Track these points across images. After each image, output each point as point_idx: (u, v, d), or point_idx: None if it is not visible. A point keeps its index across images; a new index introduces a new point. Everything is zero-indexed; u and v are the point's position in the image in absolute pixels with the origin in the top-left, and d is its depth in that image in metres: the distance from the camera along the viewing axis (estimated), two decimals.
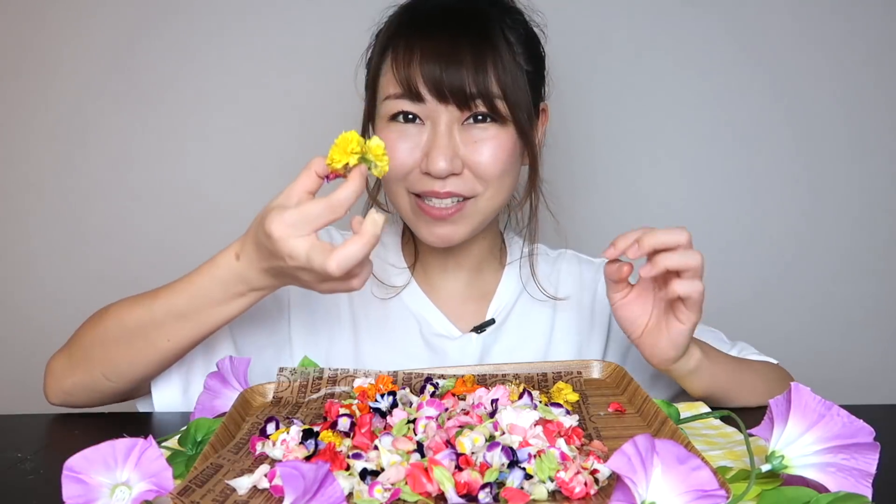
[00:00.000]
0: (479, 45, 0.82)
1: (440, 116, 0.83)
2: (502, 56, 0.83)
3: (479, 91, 0.81)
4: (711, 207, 1.38)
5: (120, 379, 0.80)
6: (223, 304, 0.74)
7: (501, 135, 0.84)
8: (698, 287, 0.72)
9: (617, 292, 0.79)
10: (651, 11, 1.36)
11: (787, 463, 0.52)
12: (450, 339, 0.94)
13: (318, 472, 0.45)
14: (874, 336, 1.39)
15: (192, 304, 0.75)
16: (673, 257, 0.71)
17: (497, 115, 0.83)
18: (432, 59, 0.81)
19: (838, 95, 1.36)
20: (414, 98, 0.82)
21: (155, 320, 0.77)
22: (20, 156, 1.41)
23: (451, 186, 0.84)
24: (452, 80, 0.81)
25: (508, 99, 0.83)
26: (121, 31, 1.38)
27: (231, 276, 0.73)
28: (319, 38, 1.36)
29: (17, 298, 1.42)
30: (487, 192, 0.86)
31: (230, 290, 0.73)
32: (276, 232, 0.64)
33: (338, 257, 0.63)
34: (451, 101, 0.82)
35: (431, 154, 0.82)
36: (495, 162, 0.84)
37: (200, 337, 0.78)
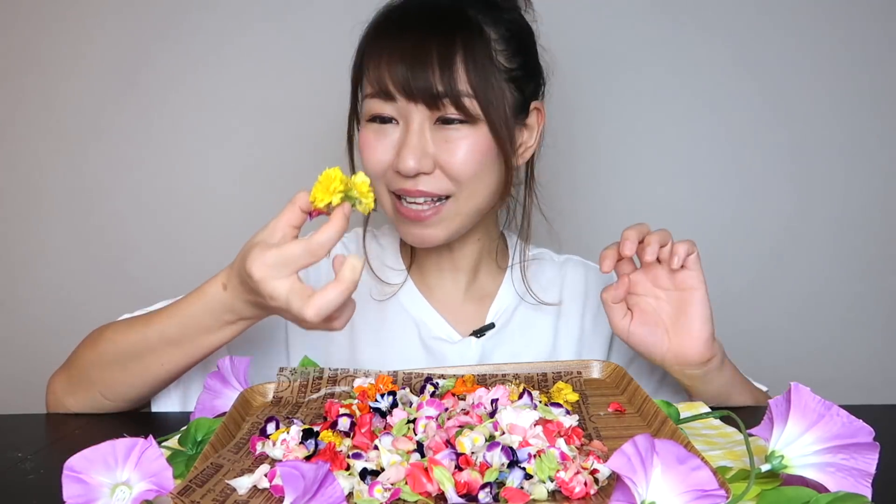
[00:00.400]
0: (447, 43, 0.81)
1: (412, 116, 0.82)
2: (474, 53, 0.81)
3: (447, 91, 0.80)
4: (710, 207, 1.38)
5: (118, 399, 0.82)
6: (213, 331, 0.75)
7: (474, 135, 0.83)
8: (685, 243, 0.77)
9: (622, 318, 0.81)
10: (651, 12, 1.36)
11: (786, 463, 0.52)
12: (449, 342, 0.93)
13: (318, 472, 0.45)
14: (874, 336, 1.39)
15: (183, 331, 0.76)
16: (653, 235, 0.77)
17: (467, 116, 0.81)
18: (399, 59, 0.81)
19: (834, 95, 1.36)
20: (386, 97, 0.82)
21: (149, 345, 0.77)
22: (21, 156, 1.41)
23: (423, 185, 0.83)
24: (418, 79, 0.80)
25: (479, 98, 0.81)
26: (123, 31, 1.38)
27: (219, 306, 0.73)
28: (320, 38, 1.36)
29: (18, 298, 1.42)
30: (462, 193, 0.84)
31: (219, 319, 0.74)
32: (257, 273, 0.64)
33: (315, 304, 0.63)
34: (419, 100, 0.81)
35: (401, 153, 0.82)
36: (467, 163, 0.82)
37: (194, 361, 0.79)
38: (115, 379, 0.80)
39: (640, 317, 0.81)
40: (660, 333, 0.80)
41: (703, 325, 0.79)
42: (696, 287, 0.78)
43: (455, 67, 0.80)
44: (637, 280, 0.81)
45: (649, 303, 0.81)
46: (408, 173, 0.81)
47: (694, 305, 0.78)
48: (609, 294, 0.81)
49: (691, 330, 0.79)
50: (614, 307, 0.81)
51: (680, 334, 0.79)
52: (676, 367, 0.81)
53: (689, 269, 0.78)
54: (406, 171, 0.81)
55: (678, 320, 0.79)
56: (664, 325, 0.80)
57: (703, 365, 0.80)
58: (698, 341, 0.79)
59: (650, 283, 0.81)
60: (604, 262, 0.78)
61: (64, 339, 0.91)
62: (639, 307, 0.81)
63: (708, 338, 0.79)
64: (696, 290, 0.78)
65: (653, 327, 0.80)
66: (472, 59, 0.81)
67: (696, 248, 0.78)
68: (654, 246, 0.76)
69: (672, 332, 0.80)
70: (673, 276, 0.79)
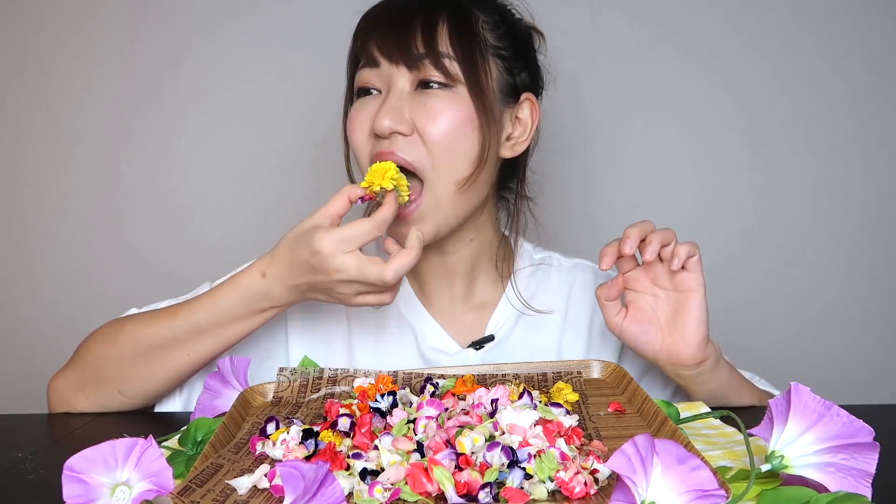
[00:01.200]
0: (432, 10, 0.82)
1: (395, 80, 0.82)
2: (457, 21, 0.83)
3: (427, 50, 0.80)
4: (711, 208, 1.38)
5: (135, 394, 0.83)
6: (244, 319, 0.79)
7: (454, 101, 0.81)
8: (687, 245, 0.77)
9: (615, 315, 0.81)
10: (651, 12, 1.36)
11: (786, 463, 0.52)
12: (447, 354, 0.91)
13: (318, 472, 0.45)
14: (874, 336, 1.39)
15: (212, 321, 0.79)
16: (655, 234, 0.76)
17: (447, 76, 0.81)
18: (384, 23, 0.83)
19: (837, 96, 1.36)
20: (372, 64, 0.83)
21: (176, 336, 0.80)
22: (21, 156, 1.41)
23: (396, 148, 0.81)
24: (400, 40, 0.81)
25: (460, 59, 0.81)
26: (123, 31, 1.38)
27: (254, 294, 0.77)
28: (320, 38, 1.36)
29: (18, 299, 1.42)
30: (436, 170, 0.81)
31: (252, 307, 0.78)
32: (327, 248, 0.71)
33: (394, 267, 0.72)
34: (400, 61, 0.81)
35: (378, 113, 0.81)
36: (443, 128, 0.81)
37: (220, 351, 0.81)
38: (137, 373, 0.81)
39: (634, 314, 0.81)
40: (653, 332, 0.80)
41: (698, 328, 0.78)
42: (695, 289, 0.78)
43: (437, 30, 0.81)
44: (636, 277, 0.81)
45: (647, 300, 0.81)
46: (382, 132, 0.81)
47: (691, 307, 0.78)
48: (603, 292, 0.81)
49: (686, 331, 0.78)
50: (608, 304, 0.81)
51: (674, 335, 0.79)
52: (669, 367, 0.81)
53: (690, 271, 0.77)
54: (381, 129, 0.80)
55: (674, 321, 0.79)
56: (659, 324, 0.80)
57: (695, 367, 0.80)
58: (692, 343, 0.78)
59: (649, 281, 0.80)
60: (603, 260, 0.77)
61: (64, 339, 0.91)
62: (635, 304, 0.81)
63: (701, 341, 0.79)
64: (695, 293, 0.78)
65: (647, 325, 0.80)
66: (456, 25, 0.82)
67: (698, 250, 0.77)
68: (655, 245, 0.76)
69: (666, 332, 0.80)
70: (672, 277, 0.79)
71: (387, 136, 0.81)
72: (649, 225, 0.78)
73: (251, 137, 1.39)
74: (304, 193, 1.38)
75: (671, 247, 0.77)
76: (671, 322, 0.79)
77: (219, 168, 1.40)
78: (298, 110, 1.38)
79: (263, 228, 1.37)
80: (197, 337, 0.79)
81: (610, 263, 0.77)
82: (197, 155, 1.40)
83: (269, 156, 1.39)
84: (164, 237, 1.40)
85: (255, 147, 1.39)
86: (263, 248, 0.98)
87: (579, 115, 1.36)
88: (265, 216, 1.39)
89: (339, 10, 0.93)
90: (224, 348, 0.81)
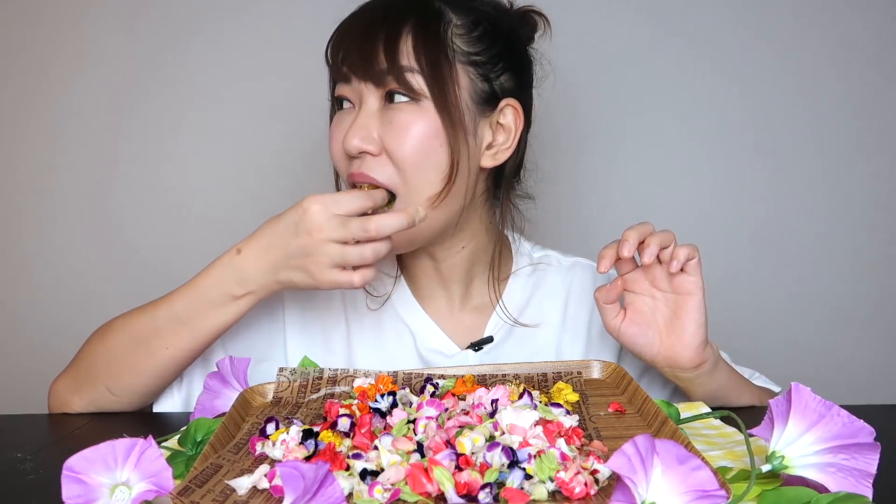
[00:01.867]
0: (397, 21, 0.80)
1: (365, 96, 0.81)
2: (423, 31, 0.80)
3: (389, 66, 0.79)
4: (711, 207, 1.38)
5: (123, 392, 0.82)
6: (218, 308, 0.78)
7: (420, 115, 0.79)
8: (686, 247, 0.76)
9: (614, 317, 0.80)
10: (652, 11, 1.36)
11: (787, 463, 0.52)
12: (445, 355, 0.90)
13: (318, 472, 0.45)
14: (875, 336, 1.39)
15: (189, 308, 0.78)
16: (654, 237, 0.76)
17: (411, 92, 0.79)
18: (349, 38, 0.82)
19: (839, 96, 1.36)
20: (342, 79, 0.82)
21: (156, 327, 0.79)
22: (21, 156, 1.41)
23: (366, 168, 0.80)
24: (365, 55, 0.79)
25: (425, 73, 0.79)
26: (123, 31, 1.38)
27: (229, 276, 0.76)
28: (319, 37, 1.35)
29: (17, 299, 1.42)
30: (407, 186, 0.80)
31: (226, 291, 0.77)
32: (316, 205, 0.73)
33: (378, 220, 0.72)
34: (367, 78, 0.80)
35: (347, 133, 0.80)
36: (409, 144, 0.79)
37: (197, 345, 0.80)
38: (121, 368, 0.81)
39: (633, 316, 0.80)
40: (651, 334, 0.80)
41: (696, 331, 0.78)
42: (694, 292, 0.77)
43: (400, 43, 0.79)
44: (635, 279, 0.81)
45: (645, 302, 0.80)
46: (350, 152, 0.80)
47: (689, 310, 0.78)
48: (602, 294, 0.80)
49: (684, 334, 0.78)
50: (606, 307, 0.80)
51: (672, 337, 0.79)
52: (667, 370, 0.81)
53: (689, 273, 0.77)
54: (349, 149, 0.80)
55: (672, 323, 0.79)
56: (657, 327, 0.80)
57: (693, 369, 0.79)
58: (690, 346, 0.78)
59: (648, 283, 0.80)
60: (601, 262, 0.77)
61: (64, 339, 0.91)
62: (634, 306, 0.81)
63: (700, 343, 0.78)
64: (693, 296, 0.77)
65: (644, 328, 0.80)
66: (422, 37, 0.80)
67: (697, 252, 0.77)
68: (654, 248, 0.75)
69: (664, 335, 0.80)
70: (671, 279, 0.78)
71: (357, 156, 0.81)
72: (648, 227, 0.77)
73: (249, 137, 1.39)
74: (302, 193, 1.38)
75: (670, 249, 0.76)
76: (669, 325, 0.79)
77: (218, 168, 1.40)
78: (297, 109, 1.37)
79: None
80: (175, 327, 0.79)
81: (608, 266, 0.77)
82: (195, 155, 1.40)
83: (268, 155, 1.39)
84: (163, 237, 1.40)
85: (253, 147, 1.39)
86: None
87: (578, 113, 1.36)
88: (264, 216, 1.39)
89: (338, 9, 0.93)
90: (201, 343, 0.80)
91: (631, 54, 1.36)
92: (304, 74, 1.36)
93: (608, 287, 0.80)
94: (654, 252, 0.75)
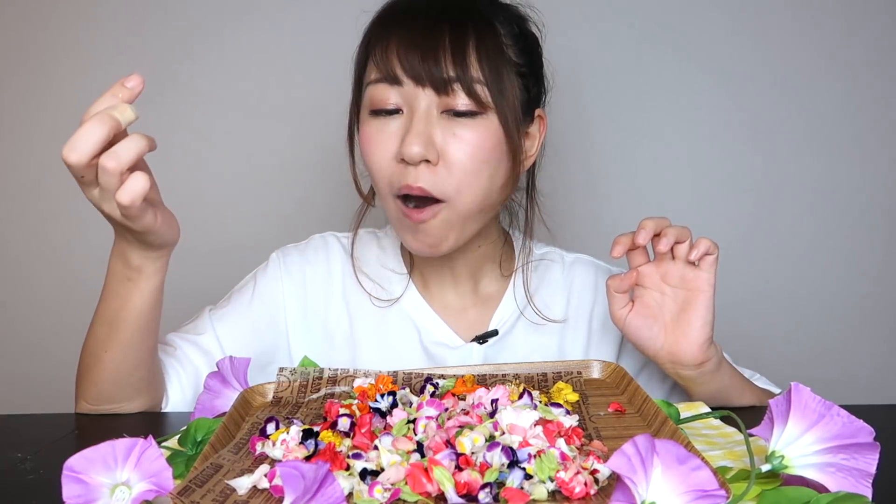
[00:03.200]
0: (460, 28, 0.79)
1: (418, 101, 0.79)
2: (486, 41, 0.79)
3: (458, 75, 0.77)
4: (712, 207, 1.38)
5: (95, 401, 0.80)
6: (121, 296, 0.75)
7: (483, 128, 0.80)
8: (708, 240, 0.76)
9: (622, 307, 0.80)
10: (652, 13, 1.36)
11: (787, 463, 0.52)
12: (450, 347, 0.91)
13: (318, 472, 0.45)
14: (874, 336, 1.39)
15: (104, 304, 0.76)
16: (671, 229, 0.76)
17: (478, 104, 0.79)
18: (408, 41, 0.78)
19: (837, 96, 1.36)
20: (392, 81, 0.79)
21: (94, 332, 0.78)
22: (21, 156, 1.41)
23: (423, 181, 0.79)
24: (429, 62, 0.77)
25: (490, 85, 0.78)
26: (120, 32, 1.38)
27: (117, 254, 0.75)
28: (320, 36, 1.36)
29: (18, 298, 1.42)
30: (460, 197, 0.80)
31: (121, 273, 0.75)
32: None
33: (70, 140, 0.62)
34: (428, 84, 0.78)
35: (406, 138, 0.78)
36: (472, 158, 0.79)
37: (124, 341, 0.77)
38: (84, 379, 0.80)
39: (640, 308, 0.80)
40: (656, 329, 0.80)
41: (702, 328, 0.78)
42: (704, 289, 0.77)
43: (468, 52, 0.78)
44: (646, 272, 0.80)
45: (654, 296, 0.80)
46: (412, 160, 0.78)
47: (697, 307, 0.78)
48: (614, 283, 0.80)
49: (689, 331, 0.78)
50: (616, 296, 0.80)
51: (677, 333, 0.79)
52: (669, 366, 0.81)
53: (703, 270, 0.77)
54: (411, 157, 0.78)
55: (679, 319, 0.79)
56: (663, 321, 0.80)
57: (696, 367, 0.79)
58: (694, 343, 0.78)
59: (659, 277, 0.80)
60: (615, 247, 0.77)
61: (64, 339, 0.91)
62: (641, 299, 0.81)
63: (704, 342, 0.78)
64: (704, 293, 0.77)
65: (650, 321, 0.80)
66: (485, 47, 0.79)
67: (717, 250, 0.77)
68: (670, 238, 0.76)
69: (669, 330, 0.80)
70: (683, 275, 0.78)
71: (416, 164, 0.79)
72: (666, 220, 0.77)
73: (251, 138, 1.39)
74: (303, 194, 1.38)
75: (686, 244, 0.77)
76: (676, 320, 0.79)
77: (219, 168, 1.40)
78: (298, 110, 1.38)
79: (263, 229, 1.38)
80: (101, 327, 0.77)
81: (621, 252, 0.77)
82: (197, 156, 1.40)
83: (269, 156, 1.39)
84: None
85: (254, 148, 1.39)
86: (263, 248, 0.99)
87: (579, 114, 1.36)
88: (265, 216, 1.40)
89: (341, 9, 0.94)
90: (125, 338, 0.76)
91: (630, 54, 1.36)
92: (306, 76, 1.37)
93: (622, 276, 0.80)
94: (670, 242, 0.76)
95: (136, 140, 0.64)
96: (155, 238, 0.71)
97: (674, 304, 0.80)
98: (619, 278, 0.80)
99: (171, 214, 0.74)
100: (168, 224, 0.72)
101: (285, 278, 0.94)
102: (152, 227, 0.69)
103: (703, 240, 0.76)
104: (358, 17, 0.86)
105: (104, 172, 0.63)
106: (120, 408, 0.81)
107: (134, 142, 0.64)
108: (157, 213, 0.70)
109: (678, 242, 0.77)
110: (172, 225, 0.73)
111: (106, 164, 0.63)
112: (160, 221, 0.70)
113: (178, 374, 0.86)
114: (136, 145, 0.64)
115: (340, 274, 0.95)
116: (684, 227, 0.78)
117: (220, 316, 0.91)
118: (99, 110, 0.63)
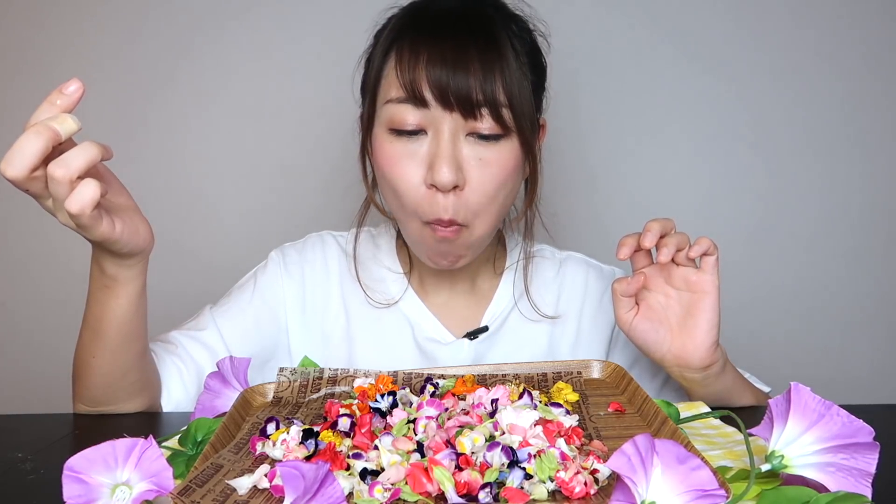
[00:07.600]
0: (487, 51, 0.77)
1: (443, 124, 0.78)
2: (510, 64, 0.78)
3: (486, 99, 0.76)
4: (711, 207, 1.38)
5: (90, 403, 0.80)
6: (101, 303, 0.74)
7: (506, 150, 0.80)
8: (708, 239, 0.76)
9: (627, 311, 0.80)
10: (651, 11, 1.36)
11: (786, 463, 0.52)
12: (442, 343, 0.92)
13: (318, 472, 0.45)
14: (874, 336, 1.39)
15: (88, 311, 0.76)
16: (670, 238, 0.76)
17: (503, 128, 0.78)
18: (439, 64, 0.76)
19: (838, 96, 1.36)
20: (417, 103, 0.77)
21: (82, 338, 0.78)
22: None
23: (454, 212, 0.79)
24: (459, 85, 0.76)
25: (514, 109, 0.78)
26: (121, 31, 1.38)
27: (92, 261, 0.74)
28: (319, 38, 1.36)
29: (18, 298, 1.42)
30: (481, 216, 0.81)
31: (98, 281, 0.74)
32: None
33: (6, 155, 0.60)
34: (455, 107, 0.77)
35: (436, 164, 0.77)
36: (494, 181, 0.79)
37: (111, 347, 0.76)
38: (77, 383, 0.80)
39: (645, 312, 0.80)
40: (662, 332, 0.80)
41: (708, 331, 0.78)
42: (709, 292, 0.77)
43: (495, 77, 0.77)
44: (650, 275, 0.80)
45: (658, 300, 0.80)
46: (445, 186, 0.77)
47: (703, 310, 0.77)
48: (621, 286, 0.80)
49: (695, 334, 0.78)
50: (622, 299, 0.80)
51: (683, 336, 0.79)
52: (675, 369, 0.81)
53: (705, 272, 0.77)
54: (444, 183, 0.77)
55: (684, 322, 0.79)
56: (669, 325, 0.80)
57: (702, 370, 0.79)
58: (701, 346, 0.78)
59: (663, 279, 0.80)
60: (622, 249, 0.77)
61: (64, 339, 0.91)
62: (646, 303, 0.81)
63: (711, 344, 0.78)
64: (708, 295, 0.77)
65: (656, 325, 0.80)
66: (509, 70, 0.78)
67: (717, 250, 0.76)
68: (671, 248, 0.75)
69: (675, 333, 0.79)
70: (687, 277, 0.78)
71: (447, 191, 0.78)
72: (671, 223, 0.77)
73: (252, 138, 1.39)
74: (304, 193, 1.38)
75: (685, 251, 0.76)
76: (682, 323, 0.79)
77: (219, 168, 1.40)
78: (299, 110, 1.38)
79: (264, 229, 1.38)
80: (87, 333, 0.76)
81: (627, 254, 0.77)
82: (198, 156, 1.40)
83: (270, 156, 1.39)
84: (164, 237, 1.39)
85: (255, 147, 1.39)
86: (264, 247, 0.99)
87: (579, 114, 1.36)
88: (266, 216, 1.40)
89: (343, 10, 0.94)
90: (111, 344, 0.76)
91: (630, 54, 1.36)
92: (307, 76, 1.37)
93: (629, 280, 0.80)
94: (671, 253, 0.76)
95: (87, 148, 0.62)
96: (120, 246, 0.69)
97: (679, 306, 0.79)
98: (625, 281, 0.80)
99: (142, 221, 0.72)
100: (132, 232, 0.70)
101: (285, 276, 0.95)
102: (110, 235, 0.67)
103: (702, 238, 0.76)
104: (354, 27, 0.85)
105: (52, 181, 0.61)
106: (116, 409, 0.81)
107: (84, 149, 0.62)
108: (116, 220, 0.68)
109: (679, 250, 0.76)
110: (139, 232, 0.71)
111: (54, 172, 0.61)
112: (119, 230, 0.68)
113: (181, 371, 0.86)
114: (86, 153, 0.62)
115: (338, 272, 0.96)
116: (683, 233, 0.77)
117: (221, 312, 0.92)
118: (36, 121, 0.61)
